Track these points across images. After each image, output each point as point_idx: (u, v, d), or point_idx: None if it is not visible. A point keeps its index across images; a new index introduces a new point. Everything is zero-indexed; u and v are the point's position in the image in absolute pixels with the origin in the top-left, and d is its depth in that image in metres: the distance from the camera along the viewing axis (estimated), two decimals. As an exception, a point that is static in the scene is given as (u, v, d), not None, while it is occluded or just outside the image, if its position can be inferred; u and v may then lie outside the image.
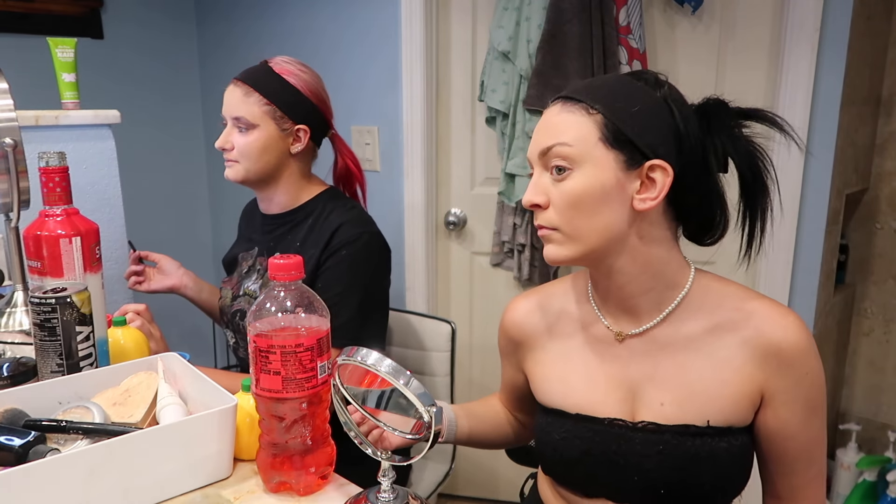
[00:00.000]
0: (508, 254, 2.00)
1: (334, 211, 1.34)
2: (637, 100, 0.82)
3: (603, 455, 0.88)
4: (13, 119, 1.24)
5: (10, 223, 1.28)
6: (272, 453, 0.83)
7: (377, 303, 1.34)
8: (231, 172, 1.35)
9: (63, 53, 1.48)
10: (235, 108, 1.31)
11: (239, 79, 1.33)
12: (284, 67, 1.33)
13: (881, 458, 2.04)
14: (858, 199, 2.11)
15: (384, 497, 0.79)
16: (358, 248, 1.28)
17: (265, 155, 1.32)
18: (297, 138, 1.34)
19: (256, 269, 1.42)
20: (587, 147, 0.81)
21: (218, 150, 1.35)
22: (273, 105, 1.30)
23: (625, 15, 1.73)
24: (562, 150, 0.82)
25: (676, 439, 0.84)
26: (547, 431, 0.93)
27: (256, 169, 1.33)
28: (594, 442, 0.88)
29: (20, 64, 1.86)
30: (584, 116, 0.82)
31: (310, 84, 1.35)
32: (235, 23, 2.58)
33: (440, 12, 2.00)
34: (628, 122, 0.81)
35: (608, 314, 0.92)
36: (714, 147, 0.84)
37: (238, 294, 1.42)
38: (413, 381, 0.74)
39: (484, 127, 2.00)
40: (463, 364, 2.15)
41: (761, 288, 1.81)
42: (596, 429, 0.88)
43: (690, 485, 0.85)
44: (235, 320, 1.42)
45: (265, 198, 1.41)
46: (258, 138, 1.30)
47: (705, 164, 0.84)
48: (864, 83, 1.87)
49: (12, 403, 0.87)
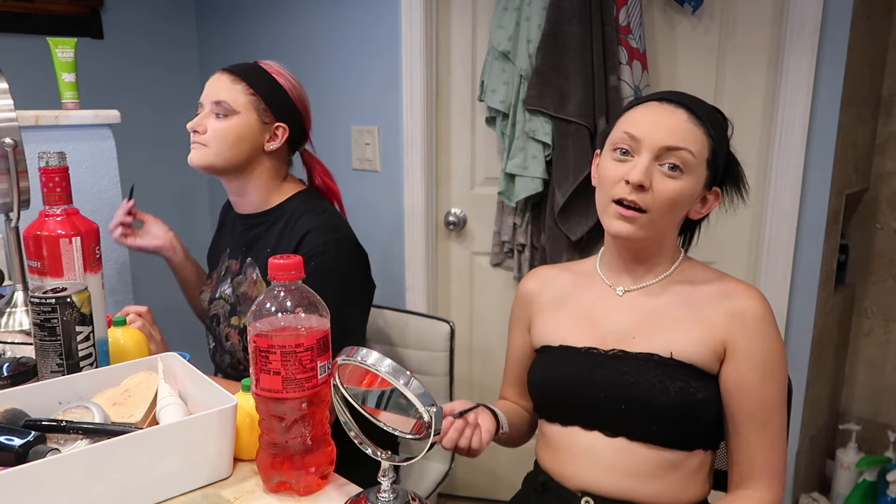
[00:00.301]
0: (508, 254, 2.00)
1: (303, 216, 1.31)
2: (724, 138, 1.01)
3: (576, 377, 1.02)
4: (13, 119, 1.24)
5: (10, 223, 1.28)
6: (272, 453, 0.83)
7: (353, 308, 1.29)
8: (196, 155, 1.29)
9: (63, 53, 1.48)
10: (218, 92, 1.29)
11: (227, 68, 1.32)
12: (274, 68, 1.34)
13: (881, 458, 2.04)
14: (858, 199, 2.11)
15: (384, 497, 0.79)
16: (327, 258, 1.24)
17: (239, 144, 1.28)
18: (275, 135, 1.31)
19: (230, 272, 1.40)
20: (700, 161, 0.97)
21: (189, 131, 1.30)
22: (258, 96, 1.29)
23: (625, 15, 1.73)
24: (686, 157, 0.95)
25: (640, 364, 0.98)
26: (535, 367, 1.09)
27: (227, 157, 1.28)
28: (569, 366, 1.03)
29: (20, 64, 1.86)
30: (704, 135, 0.97)
31: (297, 89, 1.35)
32: (235, 22, 2.58)
33: (440, 13, 2.00)
34: (719, 153, 0.99)
35: (611, 273, 1.08)
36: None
37: (214, 297, 1.40)
38: (413, 381, 0.74)
39: (484, 127, 2.00)
40: (462, 364, 2.15)
41: (761, 287, 1.81)
42: (573, 355, 1.04)
43: (647, 407, 0.96)
44: (213, 325, 1.40)
45: (235, 192, 1.37)
46: (237, 125, 1.28)
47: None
48: (864, 83, 1.87)
49: (12, 403, 0.87)
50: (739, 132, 1.81)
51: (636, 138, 0.96)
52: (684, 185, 0.96)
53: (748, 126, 1.80)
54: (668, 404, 0.95)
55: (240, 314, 1.34)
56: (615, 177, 0.97)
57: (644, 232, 0.97)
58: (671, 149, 0.95)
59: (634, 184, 0.94)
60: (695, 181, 0.97)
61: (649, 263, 1.04)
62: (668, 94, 1.01)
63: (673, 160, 0.95)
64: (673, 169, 0.95)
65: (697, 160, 0.96)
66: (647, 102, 1.00)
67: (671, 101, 0.98)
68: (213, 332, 1.41)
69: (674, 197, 0.96)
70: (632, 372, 0.98)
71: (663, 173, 0.95)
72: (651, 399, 0.96)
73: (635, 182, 0.94)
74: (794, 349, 1.82)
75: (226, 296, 1.37)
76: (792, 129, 1.71)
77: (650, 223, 0.97)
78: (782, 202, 1.76)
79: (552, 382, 1.05)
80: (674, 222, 1.01)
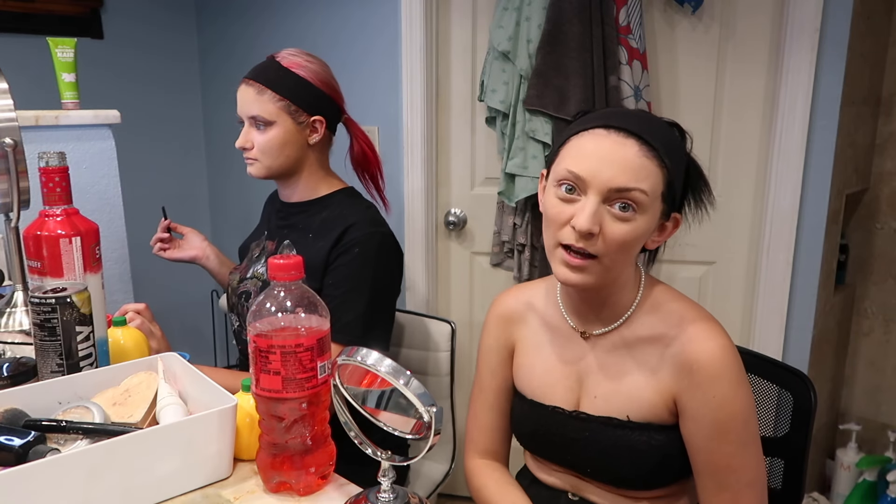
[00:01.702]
0: (508, 254, 2.00)
1: (350, 208, 1.35)
2: (681, 159, 0.91)
3: (545, 435, 1.01)
4: (13, 119, 1.24)
5: (10, 223, 1.28)
6: (272, 453, 0.83)
7: (384, 303, 1.34)
8: (253, 170, 1.36)
9: (63, 53, 1.48)
10: (250, 107, 1.31)
11: (249, 77, 1.33)
12: (292, 60, 1.33)
13: (881, 458, 2.04)
14: (858, 199, 2.11)
15: (384, 497, 0.79)
16: (370, 247, 1.28)
17: (285, 149, 1.33)
18: (314, 129, 1.35)
19: (265, 252, 1.43)
20: (654, 198, 0.87)
21: (238, 149, 1.36)
22: (287, 100, 1.31)
23: (625, 15, 1.73)
24: (639, 197, 0.86)
25: (600, 428, 0.96)
26: (513, 409, 1.08)
27: (278, 164, 1.34)
28: (540, 424, 1.02)
29: (20, 64, 1.86)
30: (658, 168, 0.87)
31: (319, 74, 1.35)
32: (236, 24, 2.58)
33: (440, 12, 2.00)
34: (676, 181, 0.90)
35: (575, 315, 1.01)
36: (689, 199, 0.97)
37: (246, 276, 1.42)
38: (413, 381, 0.74)
39: (484, 127, 2.00)
40: (463, 364, 2.15)
41: (762, 288, 1.82)
42: (542, 413, 1.02)
43: (611, 468, 0.96)
44: (241, 301, 1.42)
45: (287, 187, 1.42)
46: (277, 135, 1.31)
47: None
48: (864, 83, 1.87)
49: (12, 403, 0.87)
50: (739, 132, 1.82)
51: (581, 178, 0.86)
52: (637, 225, 0.87)
53: (748, 126, 1.80)
54: (631, 464, 0.94)
55: None
56: (561, 219, 0.88)
57: (595, 279, 0.89)
58: (620, 190, 0.85)
59: (582, 232, 0.86)
60: (649, 218, 0.88)
61: (609, 302, 0.97)
62: (616, 118, 0.88)
63: (624, 200, 0.86)
64: (624, 209, 0.86)
65: (651, 197, 0.86)
66: (593, 130, 0.88)
67: (619, 130, 0.86)
68: (240, 311, 1.43)
69: (626, 240, 0.87)
70: (592, 437, 0.96)
71: (614, 215, 0.86)
72: (614, 461, 0.95)
73: (583, 230, 0.85)
74: (795, 349, 1.82)
75: (258, 274, 1.40)
76: (792, 129, 1.71)
77: (602, 270, 0.89)
78: (782, 202, 1.76)
79: (528, 436, 1.06)
80: (629, 261, 0.93)
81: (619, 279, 0.95)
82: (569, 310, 1.02)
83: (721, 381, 0.89)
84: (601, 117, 0.90)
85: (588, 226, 0.85)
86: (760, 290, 1.82)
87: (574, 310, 1.01)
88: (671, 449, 0.94)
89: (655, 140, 0.86)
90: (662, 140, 0.88)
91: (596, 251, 0.87)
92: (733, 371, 0.89)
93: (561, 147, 0.92)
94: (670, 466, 0.95)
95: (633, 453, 0.94)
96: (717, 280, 1.91)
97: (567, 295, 1.02)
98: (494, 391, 1.10)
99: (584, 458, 0.99)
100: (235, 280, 1.46)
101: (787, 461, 1.12)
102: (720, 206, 1.85)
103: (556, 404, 1.01)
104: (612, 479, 0.98)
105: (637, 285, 0.98)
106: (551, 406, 1.01)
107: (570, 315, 1.02)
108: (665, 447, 0.94)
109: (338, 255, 1.29)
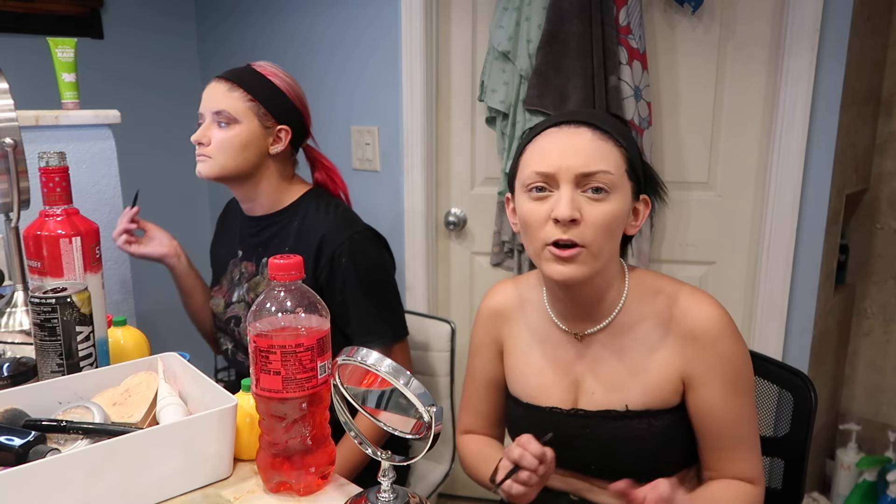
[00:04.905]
0: (508, 254, 1.99)
1: (316, 214, 1.33)
2: (633, 141, 0.96)
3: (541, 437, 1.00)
4: (13, 119, 1.24)
5: (10, 223, 1.28)
6: (272, 453, 0.83)
7: (392, 289, 1.38)
8: (204, 168, 1.31)
9: (63, 53, 1.48)
10: (217, 101, 1.29)
11: (222, 76, 1.32)
12: (268, 69, 1.33)
13: (881, 458, 2.04)
14: (858, 199, 2.11)
15: (384, 497, 0.79)
16: (354, 254, 1.29)
17: (245, 151, 1.30)
18: (278, 138, 1.32)
19: (244, 276, 1.41)
20: (620, 176, 0.91)
21: (193, 144, 1.32)
22: (257, 101, 1.29)
23: (625, 15, 1.73)
24: (606, 178, 0.90)
25: (599, 423, 0.98)
26: (508, 413, 1.10)
27: (234, 165, 1.30)
28: (538, 427, 0.99)
29: (20, 64, 1.86)
30: (616, 148, 0.92)
31: (293, 87, 1.35)
32: (235, 23, 2.58)
33: (440, 12, 2.00)
34: (635, 160, 0.94)
35: (566, 319, 1.02)
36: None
37: (231, 301, 1.41)
38: (413, 381, 0.74)
39: (484, 127, 2.00)
40: (463, 364, 2.15)
41: (762, 288, 1.81)
42: (539, 416, 1.02)
43: (615, 462, 0.97)
44: (230, 327, 1.41)
45: (245, 198, 1.38)
46: (239, 134, 1.28)
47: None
48: (864, 83, 1.87)
49: (12, 403, 0.87)
50: (739, 132, 1.82)
51: (549, 175, 0.90)
52: (615, 205, 0.90)
53: (748, 126, 1.80)
54: (633, 453, 0.96)
55: None
56: (540, 218, 0.91)
57: (587, 268, 0.91)
58: (588, 175, 0.89)
59: (564, 220, 0.88)
60: (623, 196, 0.92)
61: (600, 300, 0.98)
62: (564, 115, 0.96)
63: (594, 184, 0.90)
64: (598, 192, 0.90)
65: (618, 175, 0.91)
66: (546, 130, 0.94)
67: (570, 123, 0.93)
68: (231, 334, 1.42)
69: (608, 221, 0.90)
70: (592, 433, 0.98)
71: (589, 199, 0.90)
72: (616, 453, 0.97)
73: (565, 218, 0.88)
74: (794, 349, 1.82)
75: (244, 298, 1.39)
76: (792, 129, 1.71)
77: (591, 259, 0.91)
78: (782, 202, 1.76)
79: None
80: (614, 249, 0.95)
81: (607, 274, 0.97)
82: (559, 315, 1.03)
83: (724, 338, 0.94)
84: (548, 120, 0.96)
85: (569, 212, 0.88)
86: (760, 290, 1.82)
87: (565, 314, 1.02)
88: (671, 434, 0.97)
89: (605, 125, 0.93)
90: (611, 124, 0.94)
91: (582, 240, 0.90)
92: (731, 326, 0.95)
93: (519, 158, 0.97)
94: (671, 453, 0.98)
95: (634, 442, 0.96)
96: (717, 280, 1.90)
97: (556, 300, 1.03)
98: (485, 383, 1.14)
99: (586, 454, 1.00)
100: (220, 306, 1.44)
101: (787, 461, 1.13)
102: (720, 206, 1.85)
103: (553, 405, 1.02)
104: (614, 473, 0.97)
105: (623, 278, 1.01)
106: (548, 407, 1.03)
107: (562, 320, 1.03)
108: (665, 432, 0.96)
109: (329, 273, 1.28)
